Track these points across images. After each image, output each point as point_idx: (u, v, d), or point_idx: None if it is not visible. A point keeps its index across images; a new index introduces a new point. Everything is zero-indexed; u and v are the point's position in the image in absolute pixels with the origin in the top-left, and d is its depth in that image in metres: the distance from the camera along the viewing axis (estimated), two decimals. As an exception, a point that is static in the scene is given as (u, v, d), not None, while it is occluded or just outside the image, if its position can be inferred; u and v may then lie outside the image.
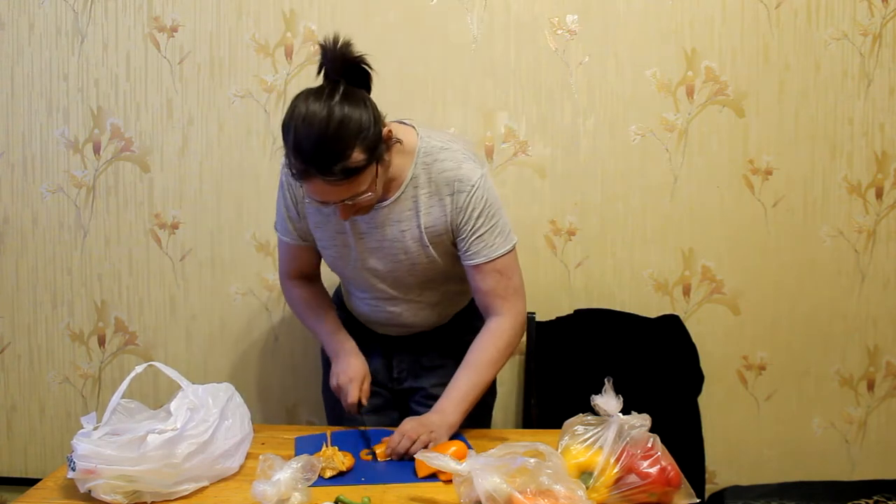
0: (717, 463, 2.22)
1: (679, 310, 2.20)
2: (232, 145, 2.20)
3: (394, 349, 1.71)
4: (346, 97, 1.30)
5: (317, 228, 1.55)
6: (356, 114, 1.30)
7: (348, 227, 1.51)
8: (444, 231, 1.50)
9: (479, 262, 1.50)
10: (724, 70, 2.12)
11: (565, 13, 2.12)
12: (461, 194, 1.46)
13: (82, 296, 2.28)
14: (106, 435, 1.29)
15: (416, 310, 1.63)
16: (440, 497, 1.28)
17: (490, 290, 1.51)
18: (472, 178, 1.47)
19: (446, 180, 1.47)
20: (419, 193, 1.48)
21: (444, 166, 1.47)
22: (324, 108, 1.28)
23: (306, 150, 1.28)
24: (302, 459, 1.24)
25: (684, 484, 1.24)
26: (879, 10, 2.10)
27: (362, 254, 1.54)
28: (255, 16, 2.15)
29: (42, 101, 2.22)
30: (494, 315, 1.53)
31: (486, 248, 1.49)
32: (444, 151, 1.48)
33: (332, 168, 1.28)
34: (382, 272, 1.55)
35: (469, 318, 1.71)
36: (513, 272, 1.53)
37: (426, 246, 1.50)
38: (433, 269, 1.55)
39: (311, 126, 1.27)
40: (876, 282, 2.19)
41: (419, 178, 1.48)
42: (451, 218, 1.48)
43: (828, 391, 2.23)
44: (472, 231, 1.48)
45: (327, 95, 1.30)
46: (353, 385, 1.53)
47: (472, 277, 1.53)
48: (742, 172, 2.16)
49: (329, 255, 1.59)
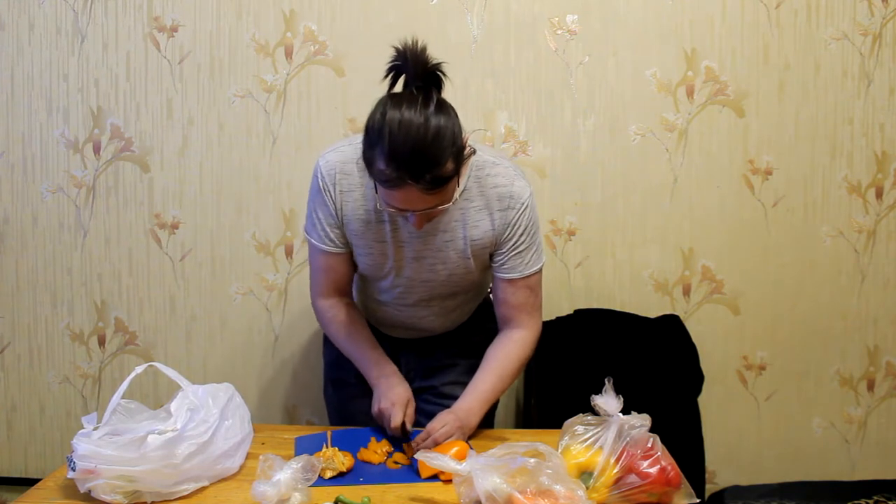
0: (717, 463, 2.23)
1: (679, 310, 2.20)
2: (232, 145, 2.20)
3: (401, 349, 1.71)
4: (439, 107, 1.29)
5: (354, 236, 1.52)
6: (449, 123, 1.29)
7: (389, 236, 1.50)
8: (488, 245, 1.51)
9: (514, 278, 1.52)
10: (724, 70, 2.12)
11: (565, 13, 2.12)
12: (511, 211, 1.48)
13: (82, 296, 2.28)
14: (106, 435, 1.29)
15: (436, 316, 1.64)
16: (440, 497, 1.28)
17: (519, 305, 1.55)
18: (523, 195, 1.48)
19: (498, 195, 1.48)
20: (469, 206, 1.48)
21: (497, 181, 1.48)
22: (420, 116, 1.26)
23: (402, 156, 1.25)
24: (302, 459, 1.24)
25: (684, 484, 1.24)
26: (879, 10, 2.10)
27: (399, 262, 1.53)
28: (255, 16, 2.16)
29: (42, 101, 2.22)
30: (518, 328, 1.57)
31: (522, 264, 1.52)
32: (497, 167, 1.49)
33: (426, 176, 1.26)
34: (416, 281, 1.55)
35: (476, 321, 1.72)
36: (540, 290, 1.58)
37: (468, 258, 1.51)
38: (467, 280, 1.57)
39: (409, 133, 1.24)
40: (876, 282, 2.19)
41: (471, 190, 1.48)
42: (498, 233, 1.50)
43: (828, 391, 2.23)
44: (513, 247, 1.50)
45: (422, 104, 1.27)
46: (397, 408, 1.50)
47: (502, 290, 1.55)
48: (742, 172, 2.16)
49: (364, 262, 1.55)
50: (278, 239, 2.22)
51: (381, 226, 1.49)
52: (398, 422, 1.48)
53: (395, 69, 1.34)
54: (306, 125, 2.18)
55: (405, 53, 1.31)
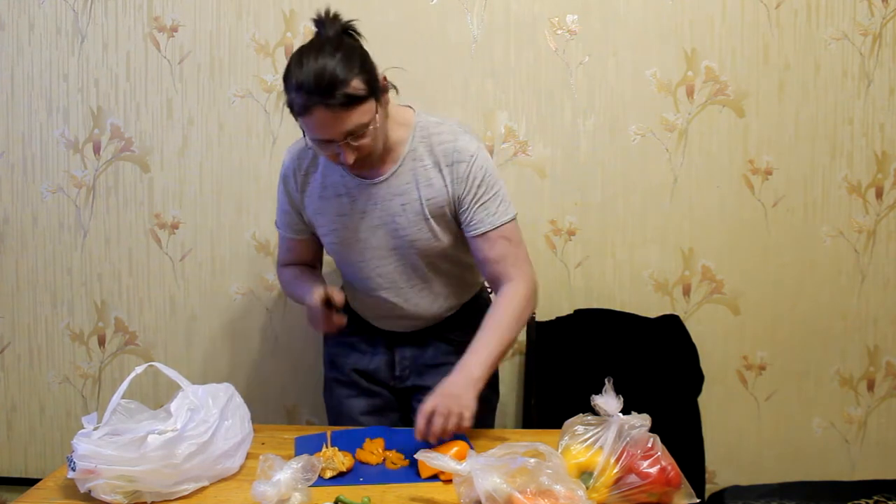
0: (717, 463, 2.23)
1: (679, 310, 2.20)
2: (232, 145, 2.20)
3: (396, 345, 1.71)
4: (339, 41, 1.37)
5: (317, 214, 1.58)
6: (353, 49, 1.38)
7: (348, 208, 1.54)
8: (445, 203, 1.52)
9: (485, 231, 1.51)
10: (724, 70, 2.12)
11: (565, 13, 2.12)
12: (461, 164, 1.50)
13: (82, 296, 2.28)
14: (106, 435, 1.29)
15: (420, 298, 1.63)
16: (440, 497, 1.28)
17: (499, 258, 1.51)
18: (469, 148, 1.50)
19: (444, 151, 1.50)
20: (418, 166, 1.51)
21: (443, 138, 1.51)
22: (321, 49, 1.34)
23: (308, 80, 1.31)
24: (302, 459, 1.23)
25: (684, 484, 1.24)
26: (879, 10, 2.10)
27: (364, 233, 1.55)
28: (255, 16, 2.16)
29: (42, 101, 2.22)
30: (507, 282, 1.52)
31: (490, 215, 1.51)
32: (441, 125, 1.53)
33: (334, 93, 1.31)
34: (385, 252, 1.57)
35: (473, 316, 1.71)
36: (519, 241, 1.55)
37: (427, 219, 1.52)
38: (436, 247, 1.56)
39: (314, 60, 1.32)
40: (876, 282, 2.19)
41: (417, 149, 1.51)
42: (453, 189, 1.51)
43: (828, 391, 2.23)
44: (474, 200, 1.51)
45: (322, 42, 1.36)
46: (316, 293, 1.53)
47: (479, 249, 1.53)
48: (742, 172, 2.16)
49: (331, 241, 1.60)
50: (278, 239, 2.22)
51: (340, 199, 1.54)
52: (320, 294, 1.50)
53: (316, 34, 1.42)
54: (306, 125, 2.17)
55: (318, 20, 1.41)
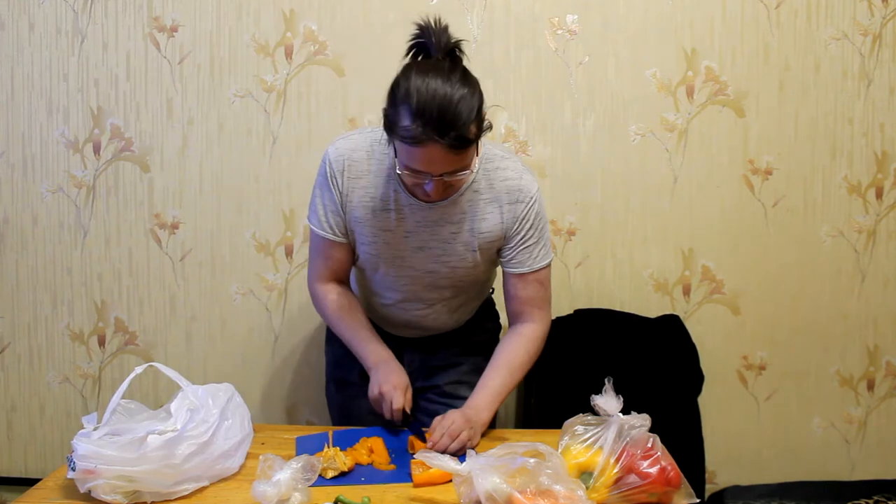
0: (717, 463, 2.23)
1: (679, 310, 2.20)
2: (232, 145, 2.20)
3: (404, 348, 1.70)
4: (465, 73, 1.34)
5: (358, 223, 1.52)
6: (475, 90, 1.34)
7: (394, 224, 1.51)
8: (496, 238, 1.53)
9: (524, 272, 1.54)
10: (724, 70, 2.12)
11: (565, 13, 2.12)
12: (521, 204, 1.50)
13: (82, 296, 2.28)
14: (106, 435, 1.29)
15: (439, 314, 1.64)
16: (440, 497, 1.28)
17: (529, 299, 1.56)
18: (531, 189, 1.51)
19: (507, 189, 1.50)
20: (477, 198, 1.50)
21: (507, 175, 1.50)
22: (447, 78, 1.30)
23: (429, 112, 1.28)
24: (302, 459, 1.24)
25: (684, 484, 1.24)
26: (879, 10, 2.10)
27: (405, 252, 1.53)
28: (255, 16, 2.16)
29: (42, 101, 2.22)
30: (528, 322, 1.57)
31: (531, 258, 1.53)
32: (506, 160, 1.52)
33: (451, 133, 1.28)
34: (420, 274, 1.56)
35: (479, 320, 1.72)
36: (549, 284, 1.59)
37: (474, 251, 1.52)
38: (472, 274, 1.57)
39: (436, 91, 1.28)
40: (876, 282, 2.19)
41: (479, 182, 1.50)
42: (507, 226, 1.51)
43: (828, 391, 2.23)
44: (521, 241, 1.52)
45: (448, 69, 1.32)
46: (398, 391, 1.50)
47: (512, 285, 1.56)
48: (742, 172, 2.16)
49: (367, 251, 1.55)
50: (278, 239, 2.22)
51: (387, 214, 1.50)
52: (400, 404, 1.48)
53: (417, 46, 1.38)
54: (306, 125, 2.18)
55: (428, 29, 1.36)
